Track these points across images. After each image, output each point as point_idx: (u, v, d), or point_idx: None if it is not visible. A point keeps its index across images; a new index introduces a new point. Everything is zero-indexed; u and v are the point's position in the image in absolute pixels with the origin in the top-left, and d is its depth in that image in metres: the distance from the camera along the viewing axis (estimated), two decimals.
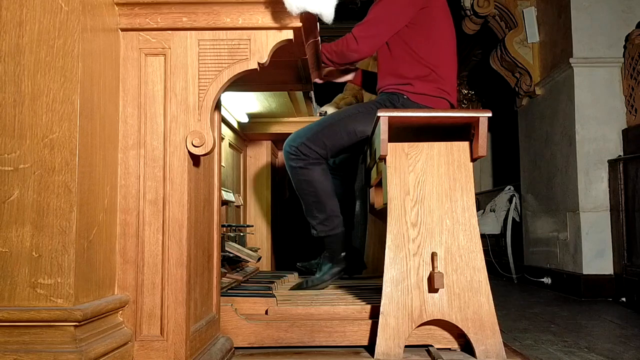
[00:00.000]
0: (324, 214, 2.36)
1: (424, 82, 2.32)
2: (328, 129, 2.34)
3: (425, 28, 2.31)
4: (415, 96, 2.31)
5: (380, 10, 2.28)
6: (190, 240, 1.34)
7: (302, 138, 2.34)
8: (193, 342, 1.36)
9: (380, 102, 2.35)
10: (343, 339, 1.81)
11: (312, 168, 2.32)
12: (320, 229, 2.37)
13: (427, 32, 2.32)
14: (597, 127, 3.76)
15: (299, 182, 2.35)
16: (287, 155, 2.38)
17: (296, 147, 2.33)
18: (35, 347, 1.06)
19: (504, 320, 2.77)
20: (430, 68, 2.32)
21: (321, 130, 2.33)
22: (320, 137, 2.32)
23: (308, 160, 2.32)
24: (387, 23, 2.27)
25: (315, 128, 2.36)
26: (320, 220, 2.37)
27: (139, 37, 1.33)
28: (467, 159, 1.80)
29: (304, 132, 2.37)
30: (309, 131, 2.36)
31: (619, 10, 3.78)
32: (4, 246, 1.10)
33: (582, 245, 3.72)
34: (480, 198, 5.95)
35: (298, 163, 2.33)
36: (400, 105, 2.31)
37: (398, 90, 2.33)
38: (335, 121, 2.36)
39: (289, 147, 2.36)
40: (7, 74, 1.12)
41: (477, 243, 1.75)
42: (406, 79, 2.33)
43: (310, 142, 2.32)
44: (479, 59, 6.03)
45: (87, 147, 1.15)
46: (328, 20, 1.30)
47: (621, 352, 2.13)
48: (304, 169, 2.32)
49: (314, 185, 2.33)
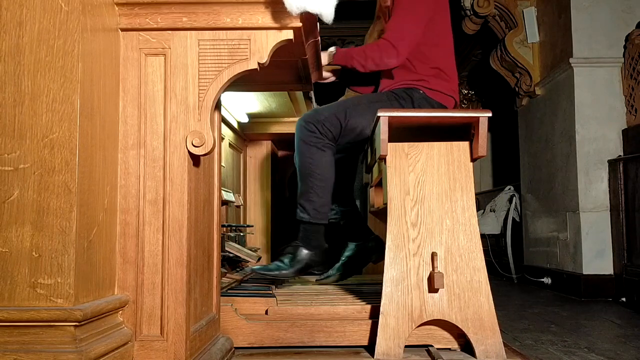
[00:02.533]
0: (322, 199, 2.29)
1: (438, 79, 2.33)
2: (347, 111, 2.28)
3: (432, 29, 2.33)
4: (431, 92, 2.32)
5: (406, 17, 2.28)
6: (190, 240, 1.34)
7: (320, 116, 2.28)
8: (193, 342, 1.36)
9: (397, 94, 2.33)
10: (343, 339, 1.81)
11: (325, 151, 2.27)
12: (314, 214, 2.28)
13: (434, 34, 2.34)
14: (597, 127, 3.76)
15: (308, 162, 2.28)
16: (302, 130, 2.29)
17: (313, 123, 2.26)
18: (35, 347, 1.06)
19: (504, 320, 2.77)
20: (439, 68, 2.33)
21: (340, 112, 2.28)
22: (338, 118, 2.27)
23: (324, 140, 2.26)
24: (416, 28, 2.27)
25: (333, 109, 2.31)
26: (316, 205, 2.29)
27: (139, 37, 1.33)
28: (467, 159, 1.80)
29: (321, 111, 2.32)
30: (327, 111, 2.30)
31: (619, 10, 3.78)
32: (4, 246, 1.10)
33: (582, 245, 3.72)
34: (480, 198, 5.95)
35: (312, 140, 2.26)
36: (417, 99, 2.30)
37: (414, 86, 2.33)
38: (354, 105, 2.31)
39: (306, 124, 2.29)
40: (7, 74, 1.12)
41: (477, 243, 1.75)
42: (420, 76, 2.33)
43: (327, 122, 2.26)
44: (479, 59, 6.03)
45: (87, 147, 1.15)
46: (328, 20, 1.30)
47: (621, 352, 2.13)
48: (318, 149, 2.26)
49: (322, 169, 2.27)
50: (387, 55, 2.28)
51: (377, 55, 2.29)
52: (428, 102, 2.31)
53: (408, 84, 2.34)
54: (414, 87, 2.33)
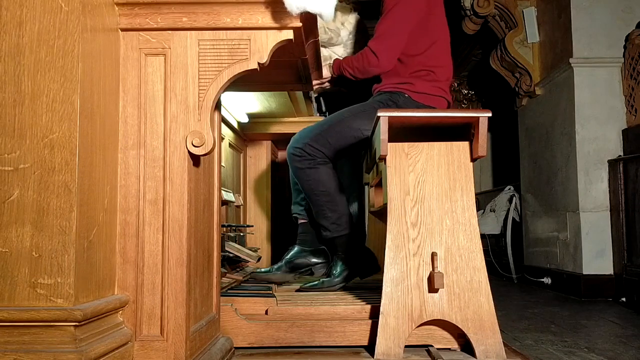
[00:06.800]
0: (336, 213, 2.32)
1: (424, 81, 2.33)
2: (332, 128, 2.31)
3: (423, 30, 2.32)
4: (416, 95, 2.31)
5: (390, 22, 2.29)
6: (190, 240, 1.34)
7: (305, 139, 2.31)
8: (193, 342, 1.36)
9: (382, 100, 2.34)
10: (343, 339, 1.81)
11: (320, 167, 2.29)
12: (334, 228, 2.33)
13: (425, 34, 2.33)
14: (597, 127, 3.76)
15: (309, 184, 2.32)
16: (292, 157, 2.34)
17: (301, 148, 2.30)
18: (35, 347, 1.06)
19: (504, 320, 2.77)
20: (428, 68, 2.33)
21: (325, 130, 2.31)
22: (325, 137, 2.29)
23: (315, 160, 2.29)
24: (400, 34, 2.28)
25: (318, 129, 2.33)
26: (333, 219, 2.33)
27: (139, 37, 1.33)
28: (467, 159, 1.80)
29: (305, 134, 2.34)
30: (312, 132, 2.33)
31: (619, 10, 3.78)
32: (4, 246, 1.10)
33: (582, 245, 3.72)
34: (480, 198, 5.95)
35: (304, 164, 2.30)
36: (402, 103, 2.31)
37: (398, 89, 2.33)
38: (339, 120, 2.34)
39: (293, 149, 2.33)
40: (7, 74, 1.12)
41: (477, 243, 1.75)
42: (405, 78, 2.33)
43: (314, 142, 2.29)
44: (479, 59, 6.03)
45: (87, 147, 1.15)
46: (328, 20, 1.31)
47: (621, 352, 2.13)
48: (311, 169, 2.29)
49: (325, 185, 2.29)
50: (368, 64, 2.32)
51: (360, 64, 2.35)
52: (414, 105, 2.31)
53: (393, 88, 2.35)
54: (398, 91, 2.34)
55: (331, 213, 2.33)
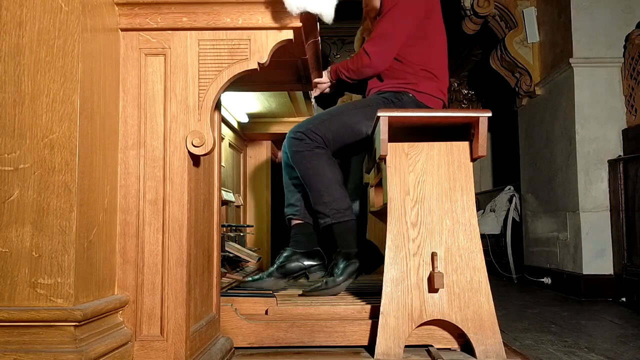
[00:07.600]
0: (334, 198, 2.22)
1: (427, 82, 2.33)
2: (335, 117, 2.28)
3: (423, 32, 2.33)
4: (420, 95, 2.32)
5: (387, 24, 2.28)
6: (190, 240, 1.34)
7: (307, 125, 2.27)
8: (193, 342, 1.36)
9: (387, 97, 2.33)
10: (343, 339, 1.81)
11: (318, 152, 2.24)
12: (333, 214, 2.21)
13: (425, 36, 2.34)
14: (597, 127, 3.76)
15: (306, 168, 2.24)
16: (291, 141, 2.27)
17: (302, 132, 2.25)
18: (35, 347, 1.06)
19: (504, 320, 2.77)
20: (429, 70, 2.34)
21: (328, 119, 2.28)
22: (327, 125, 2.26)
23: (313, 144, 2.23)
24: (396, 36, 2.28)
25: (320, 117, 2.30)
26: (330, 205, 2.22)
27: (139, 37, 1.33)
28: (467, 159, 1.80)
29: (308, 121, 2.31)
30: (314, 120, 2.30)
31: (619, 10, 3.78)
32: (4, 246, 1.10)
33: (582, 245, 3.72)
34: (480, 198, 5.95)
35: (301, 147, 2.23)
36: (406, 102, 2.30)
37: (404, 89, 2.34)
38: (342, 111, 2.31)
39: (294, 134, 2.27)
40: (7, 74, 1.12)
41: (477, 243, 1.75)
42: (410, 78, 2.33)
43: (315, 129, 2.25)
44: (479, 59, 6.03)
45: (87, 147, 1.15)
46: (328, 20, 1.31)
47: (621, 352, 2.13)
48: (309, 152, 2.23)
49: (324, 169, 2.23)
50: (361, 65, 2.33)
51: (354, 65, 2.35)
52: (417, 105, 2.31)
53: (398, 87, 2.35)
54: (404, 91, 2.33)
55: (329, 197, 2.22)
